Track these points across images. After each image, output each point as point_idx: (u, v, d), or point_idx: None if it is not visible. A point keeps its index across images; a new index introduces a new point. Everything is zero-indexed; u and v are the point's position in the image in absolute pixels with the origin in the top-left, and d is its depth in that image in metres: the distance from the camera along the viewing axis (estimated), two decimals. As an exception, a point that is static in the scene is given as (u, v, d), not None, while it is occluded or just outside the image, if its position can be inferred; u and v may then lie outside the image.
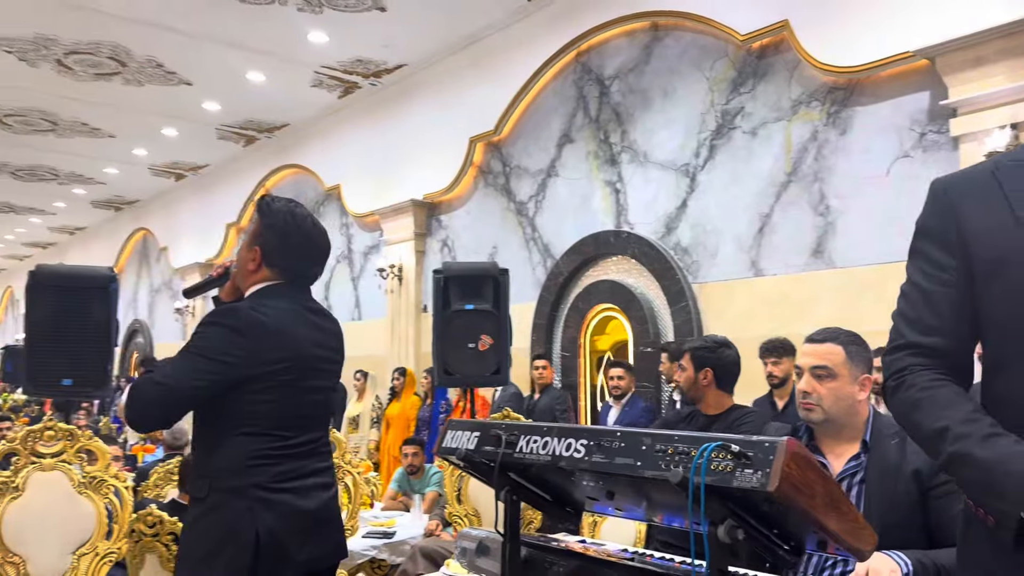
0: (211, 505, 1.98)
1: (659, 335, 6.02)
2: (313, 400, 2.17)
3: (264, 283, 2.16)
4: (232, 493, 1.97)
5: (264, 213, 2.18)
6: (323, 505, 2.13)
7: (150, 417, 2.06)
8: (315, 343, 2.17)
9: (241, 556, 1.93)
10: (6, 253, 21.18)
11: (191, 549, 2.02)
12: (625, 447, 1.69)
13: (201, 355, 1.99)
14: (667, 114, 6.16)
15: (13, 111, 9.93)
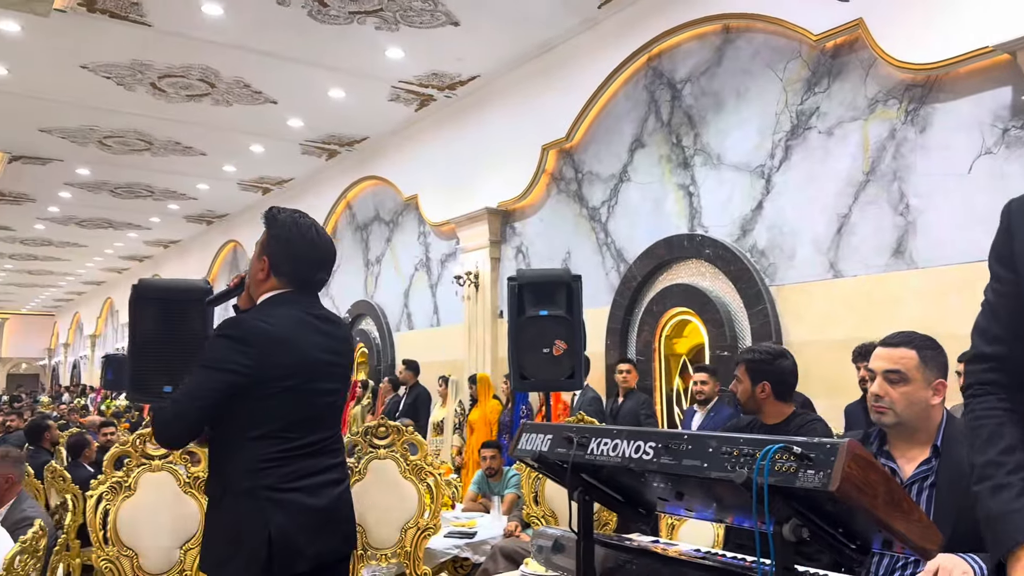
0: (226, 507, 2.11)
1: (736, 338, 5.99)
2: (322, 402, 2.27)
3: (273, 292, 2.26)
4: (246, 495, 2.09)
5: (270, 224, 2.29)
6: (333, 500, 2.24)
7: (174, 434, 2.14)
8: (321, 348, 2.26)
9: (256, 555, 2.05)
10: (105, 266, 22.36)
11: (210, 549, 2.14)
12: (692, 449, 1.77)
13: (210, 367, 2.11)
14: (740, 116, 6.14)
15: (112, 133, 10.54)
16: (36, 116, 9.84)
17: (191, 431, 2.12)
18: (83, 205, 14.62)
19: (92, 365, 27.12)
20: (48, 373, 35.35)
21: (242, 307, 2.37)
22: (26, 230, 16.90)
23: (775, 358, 3.06)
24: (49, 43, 7.73)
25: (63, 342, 32.74)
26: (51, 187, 13.29)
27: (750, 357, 3.05)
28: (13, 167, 11.99)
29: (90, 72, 8.42)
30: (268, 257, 2.25)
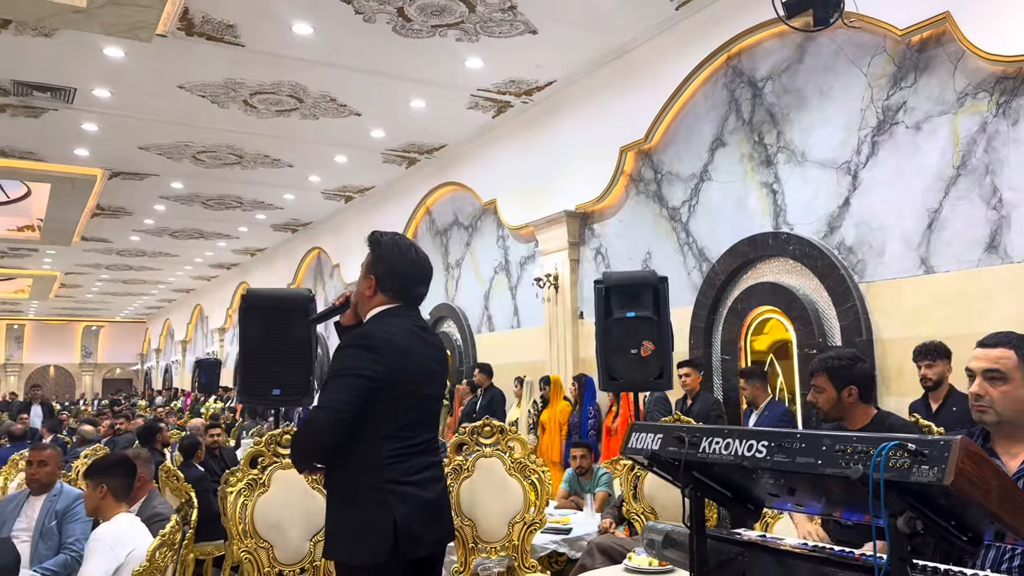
0: (356, 499, 2.35)
1: (824, 336, 5.98)
2: (429, 406, 2.55)
3: (381, 307, 2.50)
4: (373, 488, 2.33)
5: (374, 247, 2.55)
6: (439, 494, 2.50)
7: (326, 441, 2.35)
8: (427, 356, 2.53)
9: (385, 541, 2.28)
10: (195, 274, 23.32)
11: (338, 538, 2.37)
12: (806, 447, 1.87)
13: (348, 375, 2.33)
14: (824, 112, 6.12)
15: (205, 148, 11.06)
16: (135, 135, 10.42)
17: (340, 436, 2.32)
18: (176, 217, 15.33)
19: (183, 369, 28.31)
20: (141, 378, 37.00)
21: (345, 323, 2.61)
22: (122, 242, 17.79)
23: (855, 361, 3.06)
24: (150, 66, 8.21)
25: (155, 348, 34.22)
26: (147, 200, 14.00)
27: (831, 364, 3.03)
28: (112, 183, 12.69)
29: (187, 92, 8.88)
30: (375, 276, 2.50)
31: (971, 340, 4.86)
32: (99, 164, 11.71)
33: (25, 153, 10.99)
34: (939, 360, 4.61)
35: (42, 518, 4.26)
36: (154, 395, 27.29)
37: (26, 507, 4.33)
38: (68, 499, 4.32)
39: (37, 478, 4.32)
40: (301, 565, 2.93)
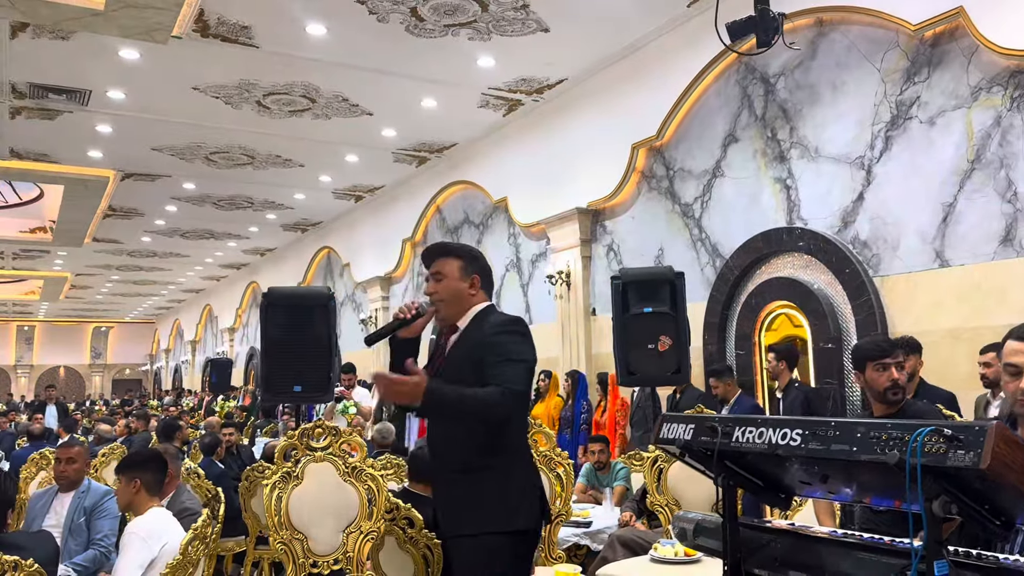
0: (506, 472, 2.59)
1: (840, 331, 6.01)
2: None
3: (484, 303, 2.79)
4: (519, 462, 2.65)
5: (465, 253, 2.83)
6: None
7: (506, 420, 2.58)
8: None
9: (534, 507, 2.61)
10: (205, 274, 23.42)
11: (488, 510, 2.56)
12: (840, 435, 1.92)
13: (521, 360, 2.61)
14: (837, 108, 6.15)
15: (218, 149, 11.13)
16: (149, 136, 10.49)
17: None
18: (187, 217, 15.41)
19: (193, 369, 28.44)
20: (150, 378, 37.18)
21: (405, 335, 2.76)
22: (133, 243, 17.89)
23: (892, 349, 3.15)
24: (165, 68, 8.27)
25: (164, 348, 34.37)
26: (159, 201, 14.08)
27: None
28: (125, 184, 12.78)
29: (201, 93, 8.95)
30: (478, 275, 2.78)
31: (987, 333, 4.94)
32: (112, 165, 11.79)
33: (39, 155, 11.07)
34: (911, 355, 4.67)
35: (71, 514, 4.32)
36: (163, 395, 27.44)
37: (55, 504, 4.39)
38: (96, 496, 4.38)
39: (66, 475, 4.39)
40: (335, 556, 2.98)
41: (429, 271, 2.81)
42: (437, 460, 2.71)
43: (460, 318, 2.76)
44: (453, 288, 2.75)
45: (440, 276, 2.77)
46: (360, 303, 14.92)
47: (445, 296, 2.76)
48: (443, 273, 2.77)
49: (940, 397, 4.72)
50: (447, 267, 2.78)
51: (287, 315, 5.33)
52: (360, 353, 13.86)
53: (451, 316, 2.77)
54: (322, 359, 5.31)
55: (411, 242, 12.98)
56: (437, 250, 2.84)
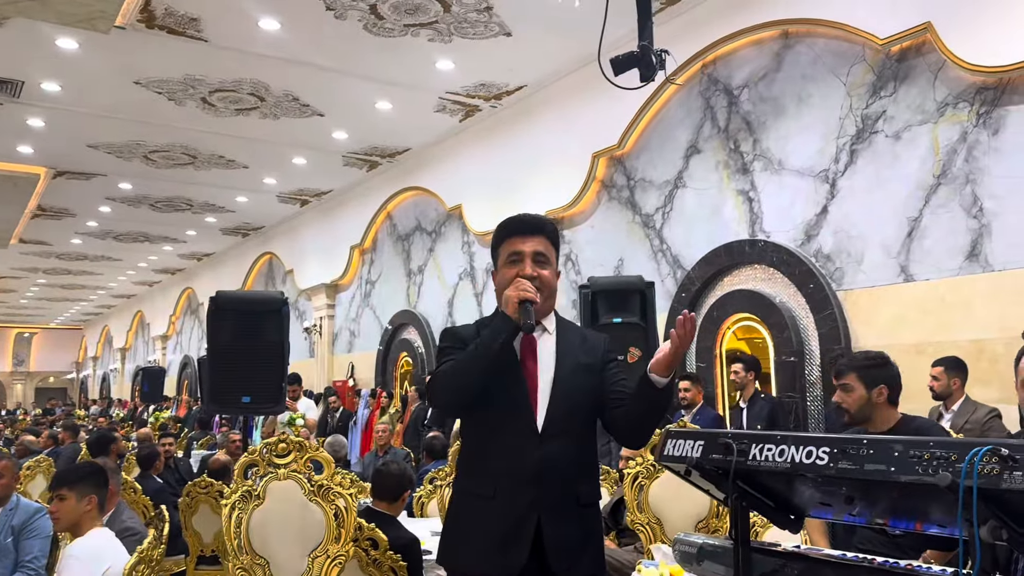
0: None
1: (802, 343, 5.98)
2: None
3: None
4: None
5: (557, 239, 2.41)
6: None
7: None
8: None
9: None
10: (137, 279, 22.58)
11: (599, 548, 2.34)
12: (875, 454, 1.78)
13: None
14: (801, 121, 6.14)
15: (158, 148, 10.67)
16: (85, 132, 9.99)
17: None
18: (121, 219, 14.79)
19: (122, 378, 27.37)
20: (76, 386, 35.70)
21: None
22: (63, 245, 17.11)
23: (886, 362, 3.06)
24: (105, 59, 7.86)
25: (91, 355, 33.05)
26: (92, 202, 13.47)
27: (862, 363, 3.04)
28: (56, 182, 12.17)
29: (142, 87, 8.54)
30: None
31: (950, 347, 4.94)
32: (43, 162, 11.21)
33: (-37, 149, 10.46)
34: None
35: (-3, 535, 3.95)
36: (90, 404, 26.33)
37: (-21, 523, 4.01)
38: (26, 513, 4.02)
39: (-8, 491, 4.01)
40: (299, 583, 2.74)
41: (528, 249, 2.28)
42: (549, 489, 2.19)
43: (546, 316, 2.33)
44: (553, 282, 2.32)
45: (545, 261, 2.30)
46: (304, 311, 14.50)
47: (548, 288, 2.29)
48: (548, 259, 2.31)
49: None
50: (551, 253, 2.34)
51: (236, 321, 5.02)
52: (304, 363, 13.48)
53: (543, 312, 2.31)
54: (274, 368, 5.01)
55: (359, 248, 12.66)
56: (543, 226, 2.35)
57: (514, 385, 2.22)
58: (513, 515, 2.15)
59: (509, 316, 2.16)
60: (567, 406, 2.23)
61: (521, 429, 2.20)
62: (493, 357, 2.16)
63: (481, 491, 2.20)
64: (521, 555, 2.14)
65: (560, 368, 2.26)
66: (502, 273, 2.32)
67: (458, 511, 2.28)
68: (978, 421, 4.60)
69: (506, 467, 2.18)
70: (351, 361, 12.68)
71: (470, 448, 2.33)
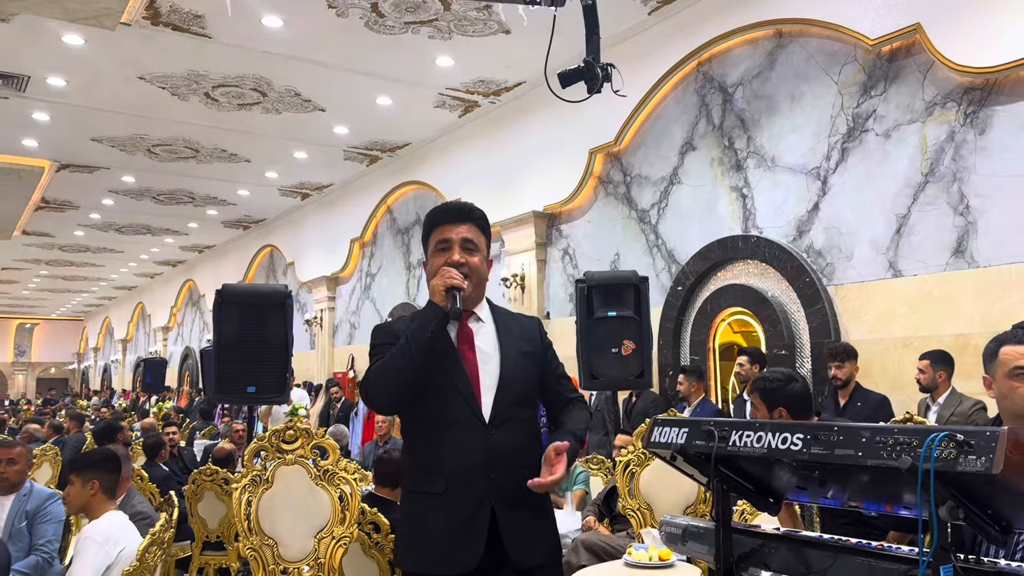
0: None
1: (793, 337, 6.12)
2: None
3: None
4: None
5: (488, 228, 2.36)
6: None
7: None
8: None
9: None
10: (139, 271, 22.71)
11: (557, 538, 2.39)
12: (844, 439, 1.91)
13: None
14: (794, 119, 6.26)
15: (162, 141, 10.79)
16: (89, 126, 10.11)
17: None
18: (124, 211, 14.92)
19: (123, 368, 27.52)
20: (78, 377, 35.85)
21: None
22: (65, 237, 17.23)
23: (787, 383, 3.15)
24: (110, 55, 7.97)
25: (92, 346, 33.19)
26: (95, 194, 13.58)
27: (762, 385, 3.10)
28: (60, 175, 12.29)
29: (147, 83, 8.66)
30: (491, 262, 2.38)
31: (936, 342, 5.07)
32: (48, 155, 11.33)
33: (-31, 142, 10.57)
34: (848, 361, 5.08)
35: (11, 519, 4.09)
36: (91, 395, 26.47)
37: (-6, 508, 4.15)
38: (39, 499, 4.16)
39: (7, 477, 4.15)
40: (306, 562, 2.88)
41: (456, 236, 2.24)
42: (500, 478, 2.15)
43: (478, 305, 2.30)
44: (483, 269, 2.28)
45: (474, 248, 2.26)
46: (305, 303, 14.64)
47: (477, 275, 2.25)
48: (477, 246, 2.27)
49: (874, 399, 5.03)
50: (481, 240, 2.29)
51: (242, 313, 5.14)
52: (305, 354, 13.62)
53: (474, 300, 2.28)
54: (278, 359, 5.14)
55: (359, 242, 12.79)
56: (471, 213, 2.30)
57: (456, 375, 2.18)
58: (466, 509, 2.11)
59: (437, 304, 2.12)
60: (513, 394, 2.21)
61: (468, 420, 2.15)
62: (424, 348, 2.09)
63: (431, 488, 2.14)
64: (478, 548, 2.10)
65: (504, 357, 2.23)
66: (431, 262, 2.27)
67: (410, 511, 2.21)
68: (963, 413, 4.73)
69: (455, 461, 2.13)
70: (351, 353, 12.82)
71: (415, 445, 2.24)
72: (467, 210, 2.31)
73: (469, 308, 2.27)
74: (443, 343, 2.18)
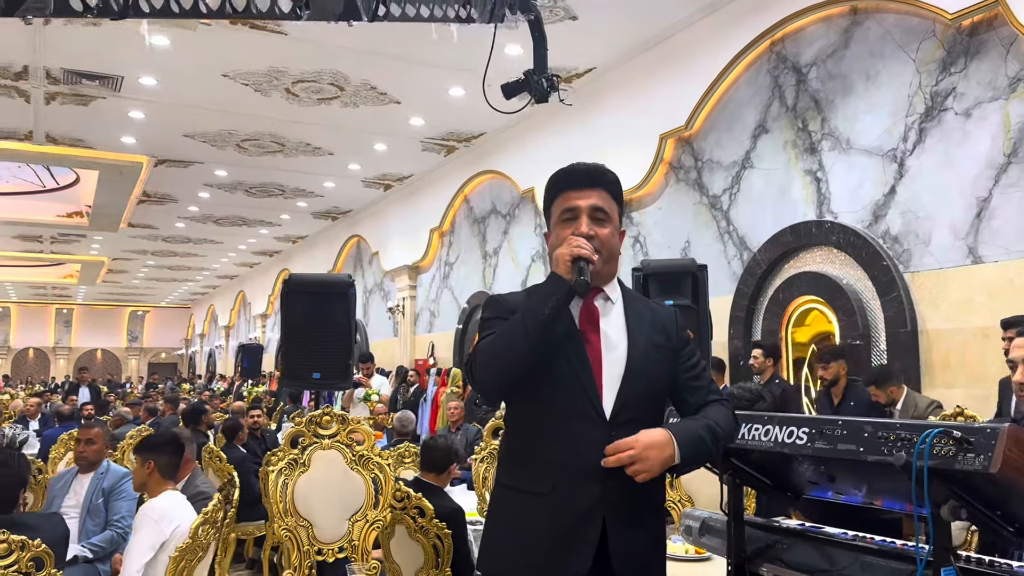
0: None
1: (868, 327, 5.88)
2: None
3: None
4: None
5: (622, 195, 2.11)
6: None
7: None
8: None
9: None
10: (238, 261, 23.68)
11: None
12: (847, 434, 1.85)
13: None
14: (870, 99, 5.99)
15: (248, 136, 11.21)
16: (180, 122, 10.59)
17: None
18: (220, 204, 15.57)
19: (226, 354, 28.82)
20: (185, 362, 37.77)
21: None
22: (168, 228, 18.12)
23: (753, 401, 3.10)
24: (194, 54, 8.33)
25: (199, 333, 34.87)
26: (192, 188, 14.23)
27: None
28: (158, 170, 12.92)
29: (230, 80, 9.00)
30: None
31: (1021, 332, 4.75)
32: (145, 151, 11.93)
33: (74, 140, 11.23)
34: (833, 362, 5.26)
35: (89, 495, 4.37)
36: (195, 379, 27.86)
37: (74, 484, 4.45)
38: (115, 477, 4.43)
39: (85, 456, 4.44)
40: (340, 544, 2.97)
41: (584, 204, 1.96)
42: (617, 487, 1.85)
43: (608, 283, 2.01)
44: (615, 242, 1.99)
45: (605, 218, 1.98)
46: (388, 291, 14.98)
47: (608, 249, 1.97)
48: (609, 215, 1.99)
49: (866, 397, 5.10)
50: (613, 208, 2.01)
51: (307, 301, 5.31)
52: (388, 342, 13.96)
53: (603, 275, 1.98)
54: (341, 346, 5.28)
55: (438, 231, 12.99)
56: (604, 176, 2.02)
57: (577, 362, 1.89)
58: (573, 515, 1.83)
59: (561, 276, 1.83)
60: (641, 389, 1.92)
61: (586, 415, 1.87)
62: (543, 326, 1.80)
63: (535, 487, 1.87)
64: (584, 562, 1.81)
65: (633, 345, 1.94)
66: (555, 233, 1.99)
67: (504, 509, 1.95)
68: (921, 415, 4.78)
69: (567, 458, 1.85)
70: (431, 340, 13.04)
71: (519, 437, 1.98)
72: (599, 173, 2.03)
73: (598, 285, 1.96)
74: (564, 323, 1.88)
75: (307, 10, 2.61)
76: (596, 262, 1.88)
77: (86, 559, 4.07)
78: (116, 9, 2.15)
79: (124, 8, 2.16)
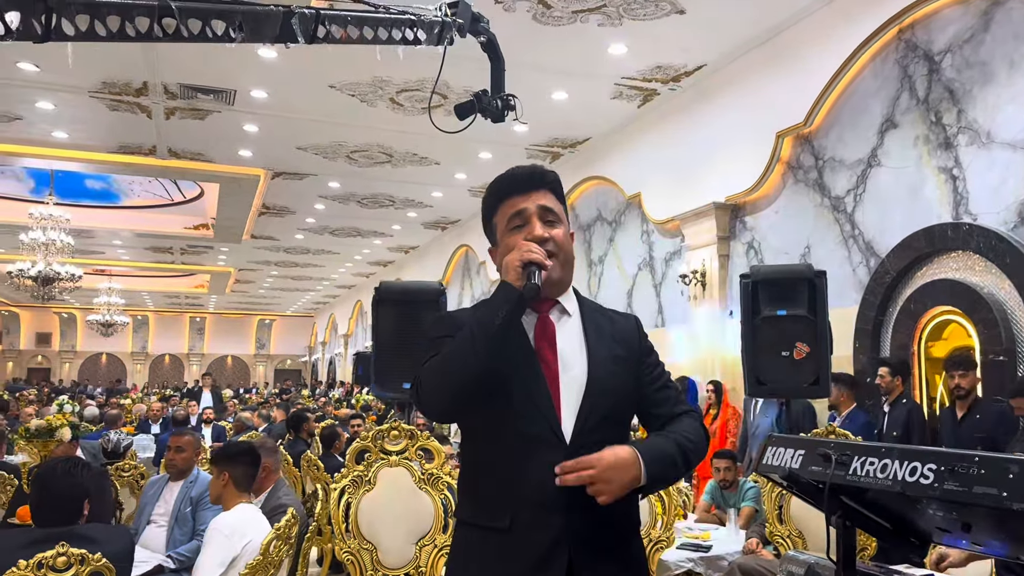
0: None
1: (1013, 340, 5.22)
2: None
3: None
4: None
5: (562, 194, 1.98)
6: None
7: None
8: None
9: None
10: (355, 271, 24.27)
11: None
12: (985, 474, 1.47)
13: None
14: (1014, 87, 5.34)
15: (358, 148, 11.35)
16: (292, 135, 10.83)
17: None
18: (334, 215, 15.93)
19: (345, 362, 29.61)
20: (308, 369, 39.13)
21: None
22: (288, 240, 18.73)
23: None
24: (301, 67, 8.45)
25: (321, 341, 36.06)
26: (307, 200, 14.60)
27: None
28: (275, 183, 13.31)
29: (337, 91, 9.10)
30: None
31: None
32: (262, 164, 12.30)
33: (195, 154, 11.70)
34: (971, 371, 4.95)
35: (178, 503, 4.36)
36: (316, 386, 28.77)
37: (165, 492, 4.46)
38: (203, 486, 4.40)
39: (175, 463, 4.44)
40: (406, 570, 2.76)
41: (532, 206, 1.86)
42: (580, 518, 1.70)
43: (563, 292, 1.88)
44: (569, 246, 1.88)
45: (556, 219, 1.87)
46: (496, 301, 14.86)
47: (564, 253, 1.85)
48: (559, 216, 1.88)
49: (995, 410, 4.79)
50: (560, 209, 1.90)
51: (397, 310, 5.19)
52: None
53: (560, 284, 1.85)
54: (430, 355, 5.12)
55: (546, 240, 12.77)
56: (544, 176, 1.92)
57: (532, 382, 1.74)
58: (535, 551, 1.68)
59: (511, 284, 1.68)
60: (602, 408, 1.77)
61: (544, 439, 1.71)
62: (493, 340, 1.64)
63: (493, 522, 1.72)
64: None
65: (592, 361, 1.80)
66: (504, 244, 1.86)
67: (463, 549, 1.80)
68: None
69: (524, 490, 1.70)
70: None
71: (473, 466, 1.84)
72: (539, 174, 1.92)
73: (553, 296, 1.84)
74: (516, 338, 1.74)
75: (240, 32, 2.50)
76: (552, 267, 1.78)
77: (171, 569, 4.04)
78: (39, 32, 2.08)
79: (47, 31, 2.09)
